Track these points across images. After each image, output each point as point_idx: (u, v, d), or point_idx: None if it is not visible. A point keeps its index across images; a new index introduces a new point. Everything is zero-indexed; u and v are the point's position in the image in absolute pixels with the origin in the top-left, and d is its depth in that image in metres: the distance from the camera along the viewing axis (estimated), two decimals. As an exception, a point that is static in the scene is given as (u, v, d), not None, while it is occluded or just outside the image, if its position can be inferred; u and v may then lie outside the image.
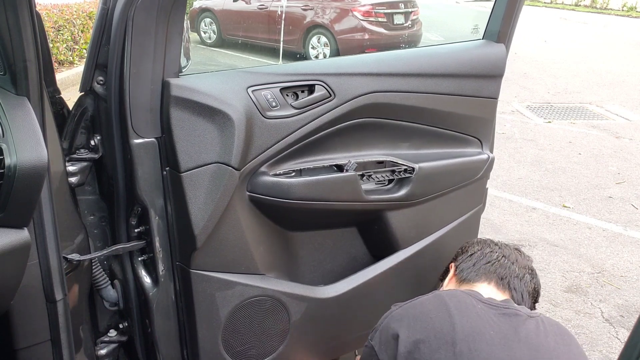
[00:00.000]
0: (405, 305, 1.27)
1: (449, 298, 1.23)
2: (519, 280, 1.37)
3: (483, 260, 1.42)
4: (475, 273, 1.39)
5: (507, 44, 1.84)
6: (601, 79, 8.42)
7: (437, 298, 1.25)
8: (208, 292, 1.54)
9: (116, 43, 1.36)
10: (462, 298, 1.24)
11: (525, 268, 1.42)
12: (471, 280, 1.39)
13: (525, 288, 1.38)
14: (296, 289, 1.69)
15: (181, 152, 1.41)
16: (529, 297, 1.38)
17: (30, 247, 1.19)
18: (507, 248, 1.47)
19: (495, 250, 1.45)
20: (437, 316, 1.18)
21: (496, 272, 1.38)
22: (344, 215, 1.74)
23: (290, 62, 5.45)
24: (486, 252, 1.44)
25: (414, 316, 1.21)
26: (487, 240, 1.52)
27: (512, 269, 1.39)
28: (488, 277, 1.38)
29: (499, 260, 1.41)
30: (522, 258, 1.45)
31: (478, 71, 1.78)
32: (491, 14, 1.82)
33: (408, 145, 1.77)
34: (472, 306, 1.21)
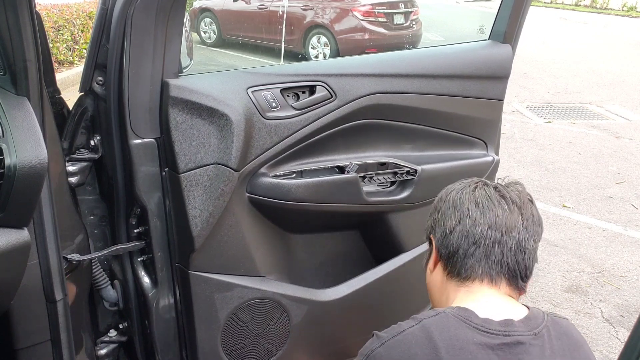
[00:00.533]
0: (387, 341, 1.04)
1: (438, 334, 1.01)
2: (513, 254, 1.09)
3: (466, 242, 1.09)
4: (462, 266, 1.10)
5: (514, 45, 1.82)
6: (601, 79, 8.41)
7: (425, 335, 1.01)
8: (207, 293, 1.54)
9: (115, 43, 1.36)
10: (454, 332, 1.01)
11: (515, 227, 1.09)
12: (461, 279, 1.11)
13: (522, 256, 1.10)
14: (297, 291, 1.68)
15: (180, 153, 1.40)
16: (530, 257, 1.11)
17: (30, 247, 1.19)
18: (488, 207, 1.10)
19: (477, 218, 1.09)
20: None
21: (487, 260, 1.09)
22: (345, 217, 1.73)
23: (290, 63, 5.45)
24: (467, 227, 1.10)
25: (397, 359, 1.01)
26: (461, 201, 1.13)
27: (503, 241, 1.08)
28: (479, 272, 1.09)
29: (485, 236, 1.08)
30: (510, 210, 1.10)
31: (484, 72, 1.76)
32: (497, 14, 1.81)
33: (411, 147, 1.76)
34: (467, 344, 0.99)
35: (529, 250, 1.10)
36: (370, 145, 1.70)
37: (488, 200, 1.11)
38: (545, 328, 1.06)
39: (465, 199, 1.13)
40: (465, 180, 1.19)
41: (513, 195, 1.13)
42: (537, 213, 1.14)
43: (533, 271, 1.14)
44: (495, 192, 1.13)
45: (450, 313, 1.04)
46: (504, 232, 1.09)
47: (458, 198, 1.14)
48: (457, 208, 1.13)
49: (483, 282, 1.10)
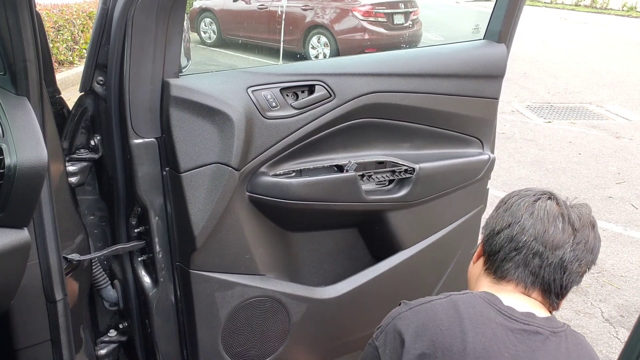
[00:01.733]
0: (415, 307, 1.13)
1: (464, 308, 1.09)
2: (552, 270, 1.12)
3: (509, 246, 1.14)
4: (501, 268, 1.16)
5: (508, 44, 1.83)
6: (601, 79, 8.42)
7: (452, 305, 1.10)
8: (208, 292, 1.54)
9: (116, 43, 1.36)
10: (479, 309, 1.09)
11: (562, 247, 1.11)
12: (497, 277, 1.17)
13: (560, 275, 1.13)
14: (296, 289, 1.68)
15: (181, 153, 1.41)
16: (569, 278, 1.14)
17: (30, 247, 1.19)
18: (541, 220, 1.13)
19: (526, 227, 1.13)
20: (449, 329, 1.06)
21: (525, 266, 1.13)
22: (344, 215, 1.74)
23: (290, 62, 5.45)
24: (513, 232, 1.14)
25: (423, 324, 1.09)
26: (521, 206, 1.17)
27: (545, 256, 1.11)
28: (514, 276, 1.14)
29: (528, 246, 1.12)
30: (562, 229, 1.13)
31: (479, 71, 1.77)
32: (492, 14, 1.82)
33: (408, 146, 1.77)
34: (489, 321, 1.06)
35: (570, 271, 1.13)
36: (368, 144, 1.70)
37: (545, 214, 1.14)
38: (564, 333, 1.10)
39: (522, 206, 1.16)
40: (534, 189, 1.22)
41: (573, 216, 1.15)
42: (594, 240, 1.16)
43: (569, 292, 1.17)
44: (557, 208, 1.16)
45: (477, 294, 1.13)
46: (548, 248, 1.12)
47: (517, 204, 1.18)
48: (512, 213, 1.17)
49: (517, 287, 1.15)
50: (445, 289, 1.94)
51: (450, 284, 1.94)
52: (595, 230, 1.17)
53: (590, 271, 1.20)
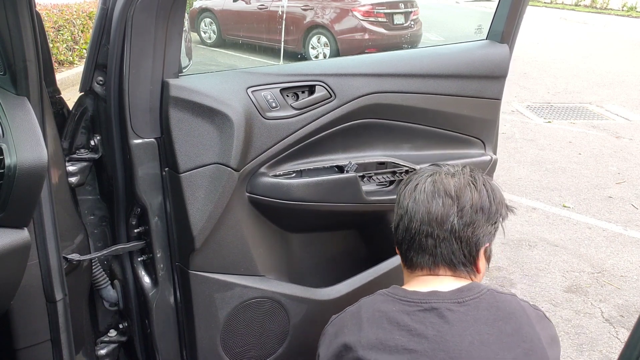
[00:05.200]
0: (333, 320, 1.24)
1: (365, 309, 1.17)
2: (447, 245, 1.16)
3: (407, 237, 1.20)
4: (408, 260, 1.22)
5: (511, 45, 1.82)
6: (601, 79, 8.42)
7: (357, 310, 1.19)
8: (207, 293, 1.54)
9: (116, 43, 1.36)
10: (378, 306, 1.16)
11: (447, 220, 1.16)
12: (409, 269, 1.24)
13: (457, 245, 1.16)
14: (296, 290, 1.68)
15: (180, 153, 1.41)
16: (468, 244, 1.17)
17: (30, 247, 1.19)
18: (422, 202, 1.18)
19: (413, 215, 1.19)
20: (351, 331, 1.15)
21: (422, 251, 1.18)
22: (344, 216, 1.73)
23: (290, 63, 5.45)
24: (406, 223, 1.20)
25: (334, 333, 1.19)
26: (403, 197, 1.23)
27: (435, 234, 1.16)
28: (419, 263, 1.20)
29: (419, 232, 1.18)
30: (442, 203, 1.16)
31: (481, 72, 1.77)
32: (495, 14, 1.81)
33: (409, 147, 1.76)
34: (385, 313, 1.13)
35: (466, 239, 1.17)
36: (369, 144, 1.70)
37: (424, 196, 1.20)
38: (477, 299, 1.13)
39: (406, 195, 1.23)
40: (420, 172, 1.28)
41: (449, 186, 1.19)
42: (479, 198, 1.19)
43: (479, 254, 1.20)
44: (433, 186, 1.20)
45: (382, 292, 1.21)
46: (435, 226, 1.17)
47: (402, 194, 1.25)
48: (400, 205, 1.24)
49: (423, 271, 1.21)
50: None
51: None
52: (477, 188, 1.20)
53: (590, 271, 1.20)
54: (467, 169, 1.25)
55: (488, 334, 1.08)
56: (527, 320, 1.12)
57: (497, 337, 1.08)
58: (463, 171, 1.24)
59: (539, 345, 1.09)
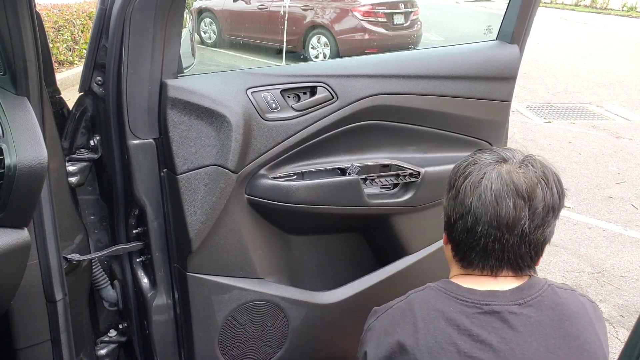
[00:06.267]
0: (380, 315, 1.16)
1: (418, 306, 1.10)
2: (516, 249, 1.08)
3: (468, 237, 1.10)
4: (467, 259, 1.13)
5: (522, 45, 1.80)
6: (601, 79, 8.41)
7: (409, 306, 1.11)
8: (205, 295, 1.53)
9: (114, 43, 1.36)
10: (433, 303, 1.09)
11: (518, 224, 1.06)
12: (464, 265, 1.15)
13: (526, 249, 1.08)
14: (295, 294, 1.66)
15: (178, 154, 1.40)
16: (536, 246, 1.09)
17: (30, 247, 1.19)
18: (490, 203, 1.07)
19: (479, 216, 1.08)
20: (404, 330, 1.08)
21: (487, 255, 1.10)
22: (346, 219, 1.71)
23: (291, 63, 5.44)
24: (470, 224, 1.09)
25: (385, 331, 1.11)
26: (465, 194, 1.11)
27: (504, 239, 1.07)
28: (479, 265, 1.11)
29: (485, 235, 1.08)
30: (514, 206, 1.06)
31: (490, 73, 1.74)
32: (505, 14, 1.78)
33: (414, 149, 1.73)
34: (442, 313, 1.06)
35: (535, 242, 1.09)
36: (372, 147, 1.68)
37: (492, 196, 1.07)
38: (539, 298, 1.06)
39: (468, 192, 1.10)
40: (479, 157, 1.14)
41: (520, 184, 1.07)
42: (550, 197, 1.08)
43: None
44: (502, 185, 1.07)
45: (435, 286, 1.13)
46: (504, 231, 1.07)
47: (463, 189, 1.11)
48: (462, 202, 1.11)
49: (482, 273, 1.12)
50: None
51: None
52: (549, 186, 1.09)
53: (590, 271, 1.18)
54: (534, 160, 1.12)
55: (554, 338, 1.03)
56: (589, 320, 1.07)
57: (563, 342, 1.03)
58: (532, 164, 1.10)
59: (600, 347, 1.05)
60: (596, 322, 1.09)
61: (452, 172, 1.18)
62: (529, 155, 1.13)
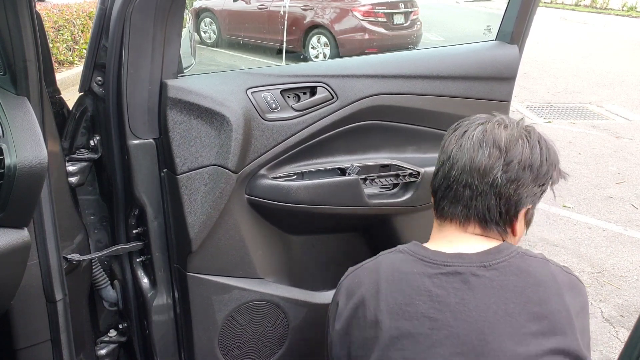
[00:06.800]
0: (349, 274, 1.20)
1: (384, 267, 1.12)
2: (484, 199, 1.08)
3: (444, 184, 1.12)
4: (439, 207, 1.14)
5: (521, 46, 1.79)
6: (601, 79, 8.41)
7: (375, 267, 1.14)
8: (205, 295, 1.53)
9: (114, 43, 1.36)
10: (398, 265, 1.10)
11: (490, 172, 1.07)
12: (439, 219, 1.15)
13: (495, 201, 1.08)
14: (295, 293, 1.67)
15: (178, 154, 1.40)
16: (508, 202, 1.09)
17: (30, 247, 1.19)
18: (467, 150, 1.10)
19: (455, 162, 1.11)
20: (368, 291, 1.10)
21: (457, 201, 1.10)
22: (345, 219, 1.72)
23: (291, 63, 5.44)
24: (446, 169, 1.12)
25: (350, 289, 1.14)
26: (449, 143, 1.15)
27: (474, 185, 1.08)
28: (450, 213, 1.12)
29: (457, 180, 1.09)
30: (489, 154, 1.08)
31: (490, 73, 1.74)
32: (504, 14, 1.78)
33: (414, 149, 1.73)
34: (405, 274, 1.08)
35: (507, 196, 1.08)
36: (372, 147, 1.68)
37: (471, 144, 1.10)
38: (505, 263, 1.06)
39: (452, 141, 1.14)
40: (469, 119, 1.17)
41: (501, 136, 1.09)
42: (530, 154, 1.10)
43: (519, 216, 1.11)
44: (483, 135, 1.10)
45: (402, 249, 1.14)
46: (476, 177, 1.08)
47: (447, 140, 1.15)
48: (445, 150, 1.15)
49: (452, 223, 1.13)
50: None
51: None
52: (530, 144, 1.10)
53: (590, 271, 1.17)
54: (522, 121, 1.15)
55: (514, 303, 1.02)
56: (556, 290, 1.05)
57: (524, 307, 1.01)
58: (518, 124, 1.13)
59: (567, 317, 1.03)
60: (566, 293, 1.06)
61: (449, 129, 1.20)
62: (520, 120, 1.15)
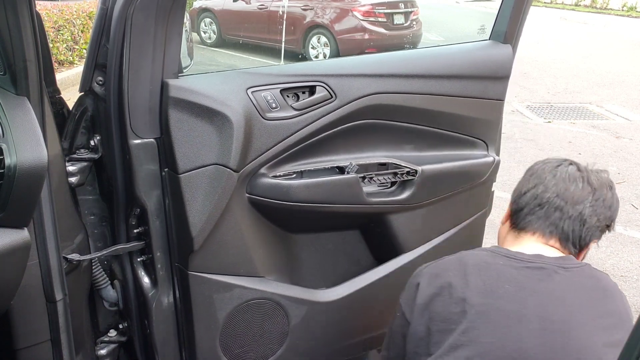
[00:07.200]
0: (430, 265, 1.31)
1: (468, 258, 1.25)
2: (572, 222, 1.24)
3: (533, 203, 1.27)
4: (523, 220, 1.28)
5: (514, 45, 1.81)
6: (601, 79, 8.41)
7: (459, 258, 1.28)
8: (206, 294, 1.54)
9: (115, 43, 1.36)
10: (483, 257, 1.24)
11: (582, 203, 1.24)
12: (518, 230, 1.30)
13: (579, 227, 1.24)
14: (296, 292, 1.67)
15: (179, 154, 1.40)
16: (588, 231, 1.25)
17: (30, 247, 1.19)
18: (563, 180, 1.27)
19: (549, 188, 1.26)
20: (455, 275, 1.22)
21: (545, 218, 1.26)
22: (345, 217, 1.73)
23: (291, 63, 5.44)
24: (538, 192, 1.27)
25: (435, 274, 1.26)
26: (542, 171, 1.31)
27: (565, 210, 1.24)
28: (533, 226, 1.27)
29: (550, 202, 1.25)
30: (582, 188, 1.25)
31: (484, 72, 1.75)
32: (498, 14, 1.79)
33: (411, 147, 1.75)
34: (490, 265, 1.21)
35: (589, 225, 1.25)
36: (370, 145, 1.69)
37: (566, 176, 1.27)
38: (579, 268, 1.21)
39: (546, 170, 1.31)
40: (556, 158, 1.35)
41: (592, 178, 1.28)
42: (612, 199, 1.28)
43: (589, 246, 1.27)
44: (577, 172, 1.28)
45: (484, 248, 1.29)
46: (568, 203, 1.24)
47: (541, 169, 1.32)
48: (538, 176, 1.31)
49: (534, 235, 1.27)
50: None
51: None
52: (612, 191, 1.29)
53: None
54: (606, 172, 1.33)
55: (589, 299, 1.16)
56: (619, 296, 1.21)
57: (597, 303, 1.16)
58: (603, 173, 1.32)
59: (628, 318, 1.18)
60: (624, 300, 1.23)
61: (529, 168, 1.38)
62: (603, 170, 1.34)
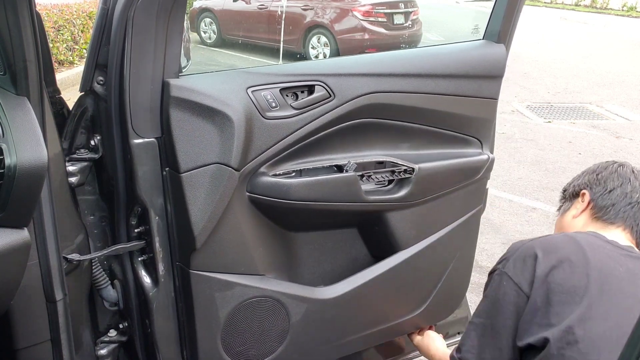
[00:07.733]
0: (533, 239, 1.33)
1: (579, 237, 1.29)
2: None
3: (624, 201, 1.37)
4: (615, 215, 1.37)
5: (508, 44, 1.83)
6: (601, 78, 8.42)
7: (568, 236, 1.31)
8: (207, 292, 1.54)
9: (116, 43, 1.36)
10: (590, 239, 1.28)
11: None
12: (607, 222, 1.37)
13: None
14: (296, 289, 1.68)
15: (181, 153, 1.41)
16: None
17: (30, 247, 1.19)
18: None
19: (636, 188, 1.38)
20: (570, 249, 1.25)
21: (634, 217, 1.35)
22: (344, 215, 1.74)
23: (290, 62, 5.45)
24: (627, 190, 1.38)
25: (547, 247, 1.28)
26: (624, 171, 1.42)
27: None
28: (624, 222, 1.36)
29: (636, 199, 1.36)
30: None
31: (478, 71, 1.77)
32: (491, 14, 1.81)
33: (408, 146, 1.77)
34: (601, 246, 1.26)
35: None
36: (368, 144, 1.70)
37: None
38: None
39: (626, 171, 1.41)
40: (607, 161, 1.46)
41: None
42: None
43: None
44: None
45: (582, 232, 1.34)
46: None
47: (621, 168, 1.42)
48: (621, 175, 1.40)
49: (620, 228, 1.36)
50: (445, 288, 1.94)
51: (450, 284, 1.94)
52: None
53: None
54: None
55: None
56: None
57: None
58: None
59: None
60: None
61: (592, 167, 1.48)
62: None
